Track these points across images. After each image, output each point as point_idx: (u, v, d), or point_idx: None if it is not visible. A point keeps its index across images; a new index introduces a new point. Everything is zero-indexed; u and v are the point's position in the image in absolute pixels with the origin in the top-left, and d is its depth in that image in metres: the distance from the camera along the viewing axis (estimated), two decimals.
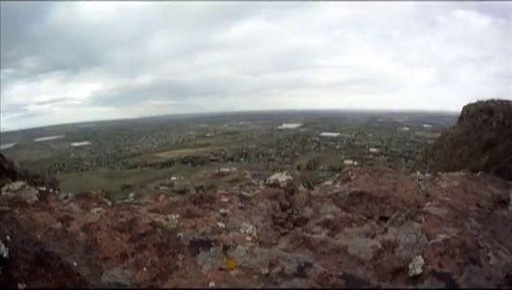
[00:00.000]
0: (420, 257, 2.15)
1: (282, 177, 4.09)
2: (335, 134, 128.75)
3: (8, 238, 1.74)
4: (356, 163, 73.96)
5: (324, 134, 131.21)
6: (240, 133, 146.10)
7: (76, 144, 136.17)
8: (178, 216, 2.79)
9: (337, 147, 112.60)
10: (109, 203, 3.27)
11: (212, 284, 2.01)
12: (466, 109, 23.38)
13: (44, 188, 3.19)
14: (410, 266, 2.13)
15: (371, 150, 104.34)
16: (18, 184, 3.15)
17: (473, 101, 23.22)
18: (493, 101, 21.95)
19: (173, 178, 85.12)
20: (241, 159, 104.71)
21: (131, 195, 6.97)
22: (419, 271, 2.08)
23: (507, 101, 21.29)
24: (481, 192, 3.72)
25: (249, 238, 2.63)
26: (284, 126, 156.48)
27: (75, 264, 1.92)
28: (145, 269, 2.11)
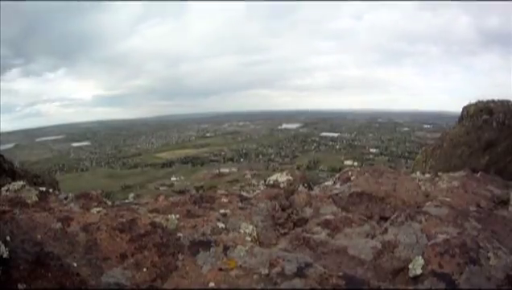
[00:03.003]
0: (420, 257, 2.15)
1: (282, 177, 4.09)
2: (335, 134, 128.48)
3: (8, 238, 1.74)
4: (356, 163, 73.90)
5: (324, 134, 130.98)
6: (240, 133, 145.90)
7: (76, 144, 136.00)
8: (178, 216, 2.79)
9: (337, 147, 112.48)
10: (109, 203, 3.28)
11: (212, 284, 2.01)
12: (466, 109, 23.34)
13: (44, 189, 3.19)
14: (410, 266, 2.14)
15: (371, 150, 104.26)
16: (18, 184, 3.15)
17: (473, 101, 23.22)
18: (493, 101, 21.90)
19: (173, 178, 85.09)
20: (241, 160, 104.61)
21: (131, 195, 6.98)
22: (419, 271, 2.08)
23: (507, 101, 21.24)
24: (481, 192, 3.73)
25: (249, 239, 2.63)
26: (284, 126, 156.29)
27: (75, 264, 1.92)
28: (145, 269, 2.11)
